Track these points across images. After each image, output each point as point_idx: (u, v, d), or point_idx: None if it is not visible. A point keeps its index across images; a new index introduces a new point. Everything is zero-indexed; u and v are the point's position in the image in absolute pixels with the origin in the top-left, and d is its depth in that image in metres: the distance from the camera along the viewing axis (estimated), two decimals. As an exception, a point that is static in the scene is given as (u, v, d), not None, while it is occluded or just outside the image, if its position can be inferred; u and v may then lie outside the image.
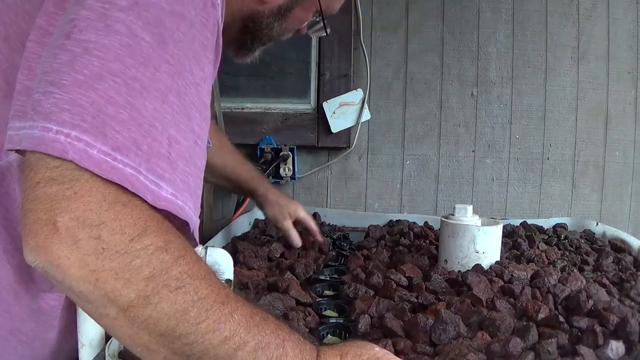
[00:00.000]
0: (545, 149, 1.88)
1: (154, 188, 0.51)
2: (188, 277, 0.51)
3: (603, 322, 0.76)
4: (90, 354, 0.75)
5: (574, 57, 1.85)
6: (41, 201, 0.48)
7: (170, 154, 0.53)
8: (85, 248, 0.47)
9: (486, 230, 1.07)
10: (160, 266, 0.49)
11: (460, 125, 1.87)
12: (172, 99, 0.53)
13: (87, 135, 0.48)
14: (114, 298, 0.48)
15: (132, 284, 0.48)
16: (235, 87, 1.90)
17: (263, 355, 0.53)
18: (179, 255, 0.51)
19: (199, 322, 0.50)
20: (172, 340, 0.50)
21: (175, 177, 0.53)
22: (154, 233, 0.50)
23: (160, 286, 0.49)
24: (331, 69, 1.83)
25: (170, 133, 0.53)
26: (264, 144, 1.83)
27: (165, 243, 0.51)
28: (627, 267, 1.10)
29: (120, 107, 0.50)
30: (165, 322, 0.49)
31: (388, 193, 1.90)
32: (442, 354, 0.70)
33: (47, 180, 0.48)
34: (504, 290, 0.93)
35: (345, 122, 1.84)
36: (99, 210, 0.48)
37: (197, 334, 0.50)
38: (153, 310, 0.49)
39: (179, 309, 0.49)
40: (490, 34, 1.85)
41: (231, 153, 1.27)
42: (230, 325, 0.52)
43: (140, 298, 0.48)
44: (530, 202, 1.90)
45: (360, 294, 0.93)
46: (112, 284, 0.48)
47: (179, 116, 0.54)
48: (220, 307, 0.52)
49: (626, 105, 1.88)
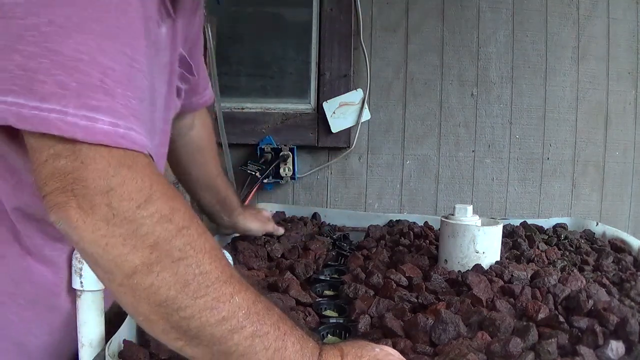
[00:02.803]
0: (545, 149, 1.88)
1: (86, 124, 0.51)
2: (191, 249, 0.52)
3: (603, 322, 0.76)
4: (90, 354, 0.75)
5: (574, 57, 1.85)
6: (55, 175, 0.50)
7: (105, 83, 0.52)
8: (99, 213, 0.50)
9: (486, 230, 1.07)
10: (165, 235, 0.51)
11: (460, 125, 1.87)
12: (92, 29, 0.52)
13: (19, 96, 0.50)
14: (120, 263, 0.50)
15: (137, 250, 0.50)
16: (235, 87, 1.90)
17: (260, 344, 0.53)
18: (184, 225, 0.52)
19: (197, 297, 0.51)
20: (171, 312, 0.51)
21: (115, 104, 0.53)
22: (160, 199, 0.52)
23: (163, 255, 0.50)
24: (331, 69, 1.83)
25: (99, 61, 0.52)
26: (264, 144, 1.83)
27: (170, 211, 0.52)
28: (627, 267, 1.10)
29: (40, 57, 0.50)
30: (165, 291, 0.50)
31: (388, 193, 1.90)
32: (442, 354, 0.70)
33: (53, 157, 0.51)
34: (504, 290, 0.93)
35: (345, 122, 1.84)
36: (106, 177, 0.50)
37: (195, 309, 0.51)
38: (155, 279, 0.50)
39: (180, 280, 0.50)
40: (490, 34, 1.85)
41: (218, 175, 1.21)
42: (230, 306, 0.52)
43: (143, 265, 0.50)
44: (530, 202, 1.90)
45: (360, 294, 0.93)
46: (119, 249, 0.50)
47: (105, 42, 0.53)
48: (221, 286, 0.52)
49: (626, 105, 1.88)
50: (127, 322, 0.74)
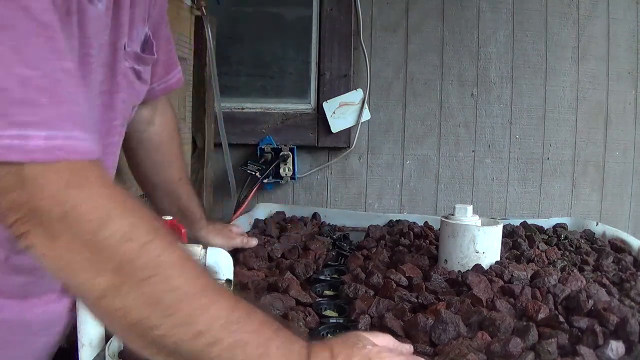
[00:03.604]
0: (545, 149, 1.88)
1: (18, 143, 0.47)
2: (157, 265, 0.50)
3: (603, 322, 0.76)
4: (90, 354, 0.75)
5: (574, 57, 1.85)
6: (11, 208, 0.49)
7: (29, 94, 0.49)
8: (60, 240, 0.48)
9: (486, 230, 1.07)
10: (127, 255, 0.49)
11: (460, 125, 1.87)
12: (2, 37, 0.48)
13: None
14: (87, 289, 0.49)
15: (102, 274, 0.48)
16: (235, 87, 1.90)
17: (241, 353, 0.51)
18: (146, 240, 0.50)
19: (170, 314, 0.49)
20: (145, 331, 0.50)
21: (45, 114, 0.49)
22: (118, 216, 0.50)
23: (129, 276, 0.49)
24: (331, 69, 1.83)
25: (17, 73, 0.48)
26: (264, 144, 1.83)
27: (130, 228, 0.50)
28: (627, 267, 1.10)
29: None
30: (135, 313, 0.49)
31: (388, 193, 1.90)
32: (442, 354, 0.70)
33: (3, 192, 0.48)
34: (504, 290, 0.93)
35: (345, 122, 1.84)
36: (59, 203, 0.48)
37: (168, 326, 0.49)
38: (123, 301, 0.49)
39: (149, 299, 0.49)
40: (490, 34, 1.84)
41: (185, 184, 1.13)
42: (205, 319, 0.50)
43: (110, 288, 0.49)
44: (530, 202, 1.89)
45: (360, 294, 0.93)
46: (85, 274, 0.49)
47: (21, 50, 0.49)
48: (193, 300, 0.50)
49: (626, 105, 1.88)
50: (127, 322, 0.74)
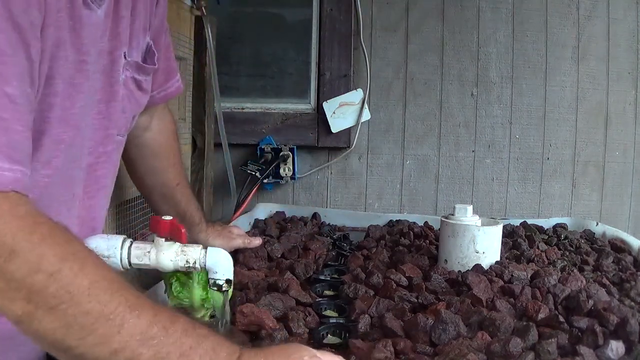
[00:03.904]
0: (545, 149, 1.88)
1: None
2: (66, 292, 0.51)
3: (603, 322, 0.76)
4: (90, 354, 0.74)
5: (574, 57, 1.85)
6: None
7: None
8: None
9: (486, 230, 1.07)
10: (36, 286, 0.50)
11: (460, 125, 1.87)
12: None
13: None
14: (7, 313, 0.51)
15: (15, 302, 0.50)
16: (235, 87, 1.90)
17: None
18: (54, 270, 0.51)
19: (84, 336, 0.51)
20: (65, 351, 0.52)
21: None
22: (24, 250, 0.50)
23: (40, 304, 0.50)
24: (331, 69, 1.83)
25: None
26: (264, 144, 1.83)
27: (37, 259, 0.51)
28: (627, 267, 1.10)
29: None
30: (51, 336, 0.51)
31: (388, 193, 1.90)
32: (442, 354, 0.70)
33: None
34: (504, 290, 0.93)
35: (345, 122, 1.84)
36: None
37: (85, 347, 0.51)
38: (38, 326, 0.51)
39: (61, 324, 0.51)
40: (490, 34, 1.84)
41: (184, 187, 1.12)
42: (120, 337, 0.51)
43: (24, 315, 0.51)
44: (530, 202, 1.89)
45: (360, 294, 0.93)
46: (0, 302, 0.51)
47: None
48: (106, 321, 0.52)
49: (626, 105, 1.88)
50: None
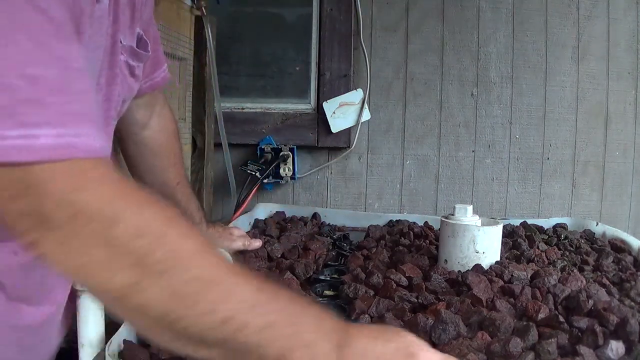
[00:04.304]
0: (545, 149, 1.88)
1: (27, 142, 0.47)
2: (174, 257, 0.49)
3: (603, 322, 0.76)
4: (90, 354, 0.75)
5: (574, 57, 1.85)
6: (20, 216, 0.48)
7: (38, 94, 0.48)
8: (73, 244, 0.48)
9: (486, 230, 1.07)
10: (142, 251, 0.48)
11: (460, 125, 1.87)
12: (16, 36, 0.48)
13: None
14: (106, 290, 0.49)
15: (117, 273, 0.48)
16: (235, 87, 1.90)
17: (271, 334, 0.50)
18: (160, 234, 0.50)
19: (193, 304, 0.49)
20: (170, 324, 0.49)
21: (54, 114, 0.49)
22: (128, 213, 0.49)
23: (146, 272, 0.48)
24: (331, 69, 1.84)
25: (28, 73, 0.48)
26: (264, 144, 1.83)
27: (142, 222, 0.49)
28: (627, 267, 1.10)
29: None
30: (158, 307, 0.48)
31: (388, 193, 1.90)
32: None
33: (11, 200, 0.48)
34: (504, 290, 0.93)
35: (345, 122, 1.84)
36: (66, 205, 0.47)
37: (192, 317, 0.49)
38: (144, 297, 0.48)
39: (170, 292, 0.48)
40: (490, 34, 1.84)
41: (185, 187, 1.13)
42: (229, 305, 0.49)
43: (128, 287, 0.48)
44: (530, 202, 1.90)
45: (360, 294, 0.93)
46: (101, 275, 0.48)
47: (33, 50, 0.49)
48: (215, 287, 0.50)
49: (626, 105, 1.88)
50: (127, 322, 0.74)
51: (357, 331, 0.54)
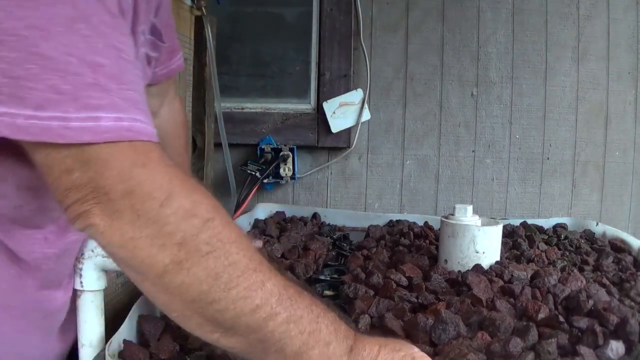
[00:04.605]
0: (545, 149, 1.88)
1: (90, 124, 0.49)
2: (218, 241, 0.51)
3: (603, 322, 0.76)
4: (90, 354, 0.75)
5: (574, 57, 1.85)
6: (73, 188, 0.50)
7: (99, 80, 0.51)
8: (123, 217, 0.50)
9: (486, 230, 1.07)
10: (191, 230, 0.50)
11: (460, 125, 1.87)
12: (76, 27, 0.51)
13: (9, 106, 0.49)
14: (150, 264, 0.50)
15: (165, 249, 0.50)
16: (235, 87, 1.90)
17: (295, 328, 0.52)
18: (208, 217, 0.52)
19: (230, 288, 0.50)
20: (204, 307, 0.51)
21: (114, 99, 0.51)
22: (181, 194, 0.51)
23: (192, 251, 0.50)
24: (331, 69, 1.83)
25: (89, 60, 0.51)
26: (264, 144, 1.83)
27: (193, 205, 0.51)
28: (627, 267, 1.10)
29: (26, 62, 0.49)
30: (197, 287, 0.50)
31: (388, 193, 1.90)
32: (442, 354, 0.70)
33: (66, 172, 0.50)
34: (504, 290, 0.93)
35: (345, 122, 1.84)
36: (124, 180, 0.50)
37: (228, 301, 0.51)
38: (186, 276, 0.50)
39: (210, 273, 0.50)
40: (490, 34, 1.84)
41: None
42: (262, 293, 0.52)
43: (173, 263, 0.50)
44: (530, 202, 1.89)
45: (360, 294, 0.93)
46: (147, 250, 0.50)
47: (93, 38, 0.52)
48: (251, 274, 0.52)
49: (626, 105, 1.88)
50: (127, 322, 0.74)
51: (367, 339, 0.57)
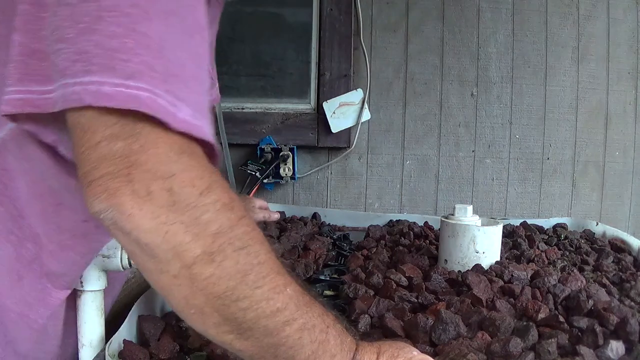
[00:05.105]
0: (545, 149, 1.88)
1: (173, 110, 0.49)
2: (250, 238, 0.51)
3: (603, 322, 0.76)
4: (90, 354, 0.75)
5: (574, 57, 1.85)
6: (108, 158, 0.47)
7: (184, 74, 0.51)
8: (158, 200, 0.47)
9: (486, 230, 1.07)
10: (227, 223, 0.49)
11: (460, 125, 1.87)
12: (172, 20, 0.51)
13: (98, 75, 0.48)
14: (181, 252, 0.48)
15: (200, 238, 0.48)
16: (235, 87, 1.90)
17: (307, 336, 0.52)
18: (242, 215, 0.51)
19: (256, 287, 0.50)
20: (228, 304, 0.49)
21: (191, 97, 0.51)
22: (220, 189, 0.50)
23: (226, 244, 0.49)
24: (331, 69, 1.83)
25: (178, 54, 0.51)
26: (264, 144, 1.83)
27: (230, 200, 0.50)
28: (627, 267, 1.10)
29: (123, 37, 0.48)
30: (225, 282, 0.49)
31: (388, 193, 1.90)
32: (442, 354, 0.70)
33: (109, 138, 0.47)
34: (504, 290, 0.93)
35: (345, 122, 1.84)
36: (168, 162, 0.48)
37: (253, 300, 0.50)
38: (216, 269, 0.48)
39: (240, 269, 0.49)
40: (490, 34, 1.84)
41: None
42: (283, 297, 0.51)
43: (205, 254, 0.48)
44: (530, 202, 1.89)
45: (360, 294, 0.93)
46: (181, 237, 0.47)
47: (183, 37, 0.53)
48: (276, 277, 0.51)
49: (626, 105, 1.88)
50: (127, 322, 0.74)
51: (367, 347, 0.58)
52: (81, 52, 0.48)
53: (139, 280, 1.01)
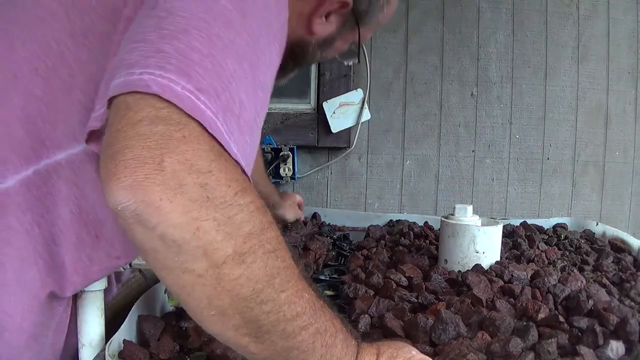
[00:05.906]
0: (545, 149, 1.88)
1: (227, 138, 0.49)
2: (279, 242, 0.50)
3: (603, 322, 0.76)
4: (90, 354, 0.75)
5: (574, 57, 1.85)
6: (145, 138, 0.44)
7: (240, 116, 0.51)
8: (191, 194, 0.44)
9: (486, 230, 1.07)
10: (260, 226, 0.48)
11: (460, 125, 1.87)
12: (245, 67, 0.52)
13: (172, 73, 0.47)
14: (211, 251, 0.45)
15: (232, 238, 0.46)
16: (235, 87, 1.90)
17: (319, 341, 0.52)
18: (272, 220, 0.51)
19: (281, 291, 0.49)
20: (252, 306, 0.48)
21: (240, 140, 0.51)
22: (253, 193, 0.49)
23: (257, 246, 0.48)
24: (331, 69, 1.83)
25: (241, 97, 0.51)
26: (264, 144, 1.83)
27: (262, 205, 0.50)
28: (627, 267, 1.10)
29: (204, 56, 0.49)
30: (252, 284, 0.47)
31: (388, 193, 1.90)
32: (442, 354, 0.70)
33: (152, 119, 0.45)
34: (504, 290, 0.93)
35: (345, 122, 1.84)
36: (208, 159, 0.46)
37: (276, 303, 0.49)
38: (245, 270, 0.47)
39: (268, 273, 0.48)
40: (490, 34, 1.84)
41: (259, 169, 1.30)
42: (303, 302, 0.51)
43: (236, 254, 0.46)
44: (530, 202, 1.89)
45: (360, 294, 0.93)
46: (212, 235, 0.45)
47: (249, 86, 0.53)
48: (298, 281, 0.52)
49: (626, 105, 1.88)
50: (127, 322, 0.74)
51: (367, 349, 0.58)
52: (159, 52, 0.48)
53: (139, 280, 1.01)
